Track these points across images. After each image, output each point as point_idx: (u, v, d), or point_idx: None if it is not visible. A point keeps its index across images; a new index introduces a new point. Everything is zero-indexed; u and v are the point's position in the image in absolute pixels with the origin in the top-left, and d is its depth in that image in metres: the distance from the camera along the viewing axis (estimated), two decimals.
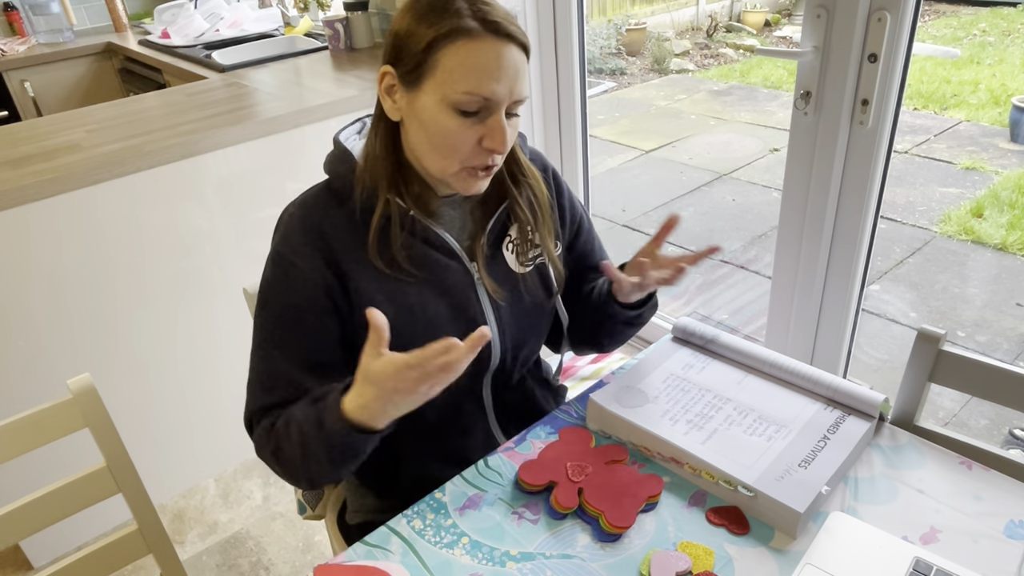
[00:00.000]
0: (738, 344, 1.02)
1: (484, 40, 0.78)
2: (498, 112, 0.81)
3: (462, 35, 0.77)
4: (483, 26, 0.77)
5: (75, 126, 1.79)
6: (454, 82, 0.78)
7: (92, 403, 0.92)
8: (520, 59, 0.81)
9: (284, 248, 0.88)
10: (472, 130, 0.81)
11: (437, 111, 0.80)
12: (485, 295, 0.94)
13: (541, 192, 0.96)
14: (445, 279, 0.91)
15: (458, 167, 0.83)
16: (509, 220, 0.96)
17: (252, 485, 1.92)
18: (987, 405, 2.19)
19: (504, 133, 0.81)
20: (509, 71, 0.79)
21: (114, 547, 0.98)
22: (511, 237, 0.96)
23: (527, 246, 0.97)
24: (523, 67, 0.81)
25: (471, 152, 0.82)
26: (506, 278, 0.95)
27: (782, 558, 0.76)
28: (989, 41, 5.80)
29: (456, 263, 0.92)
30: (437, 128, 0.81)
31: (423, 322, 0.89)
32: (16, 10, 3.03)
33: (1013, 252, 3.11)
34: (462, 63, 0.78)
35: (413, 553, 0.80)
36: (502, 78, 0.79)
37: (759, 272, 3.04)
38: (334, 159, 0.92)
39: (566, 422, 0.97)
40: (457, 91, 0.78)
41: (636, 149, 4.59)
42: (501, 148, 0.82)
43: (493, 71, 0.78)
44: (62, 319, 1.59)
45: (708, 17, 6.88)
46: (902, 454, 0.88)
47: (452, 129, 0.80)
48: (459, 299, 0.92)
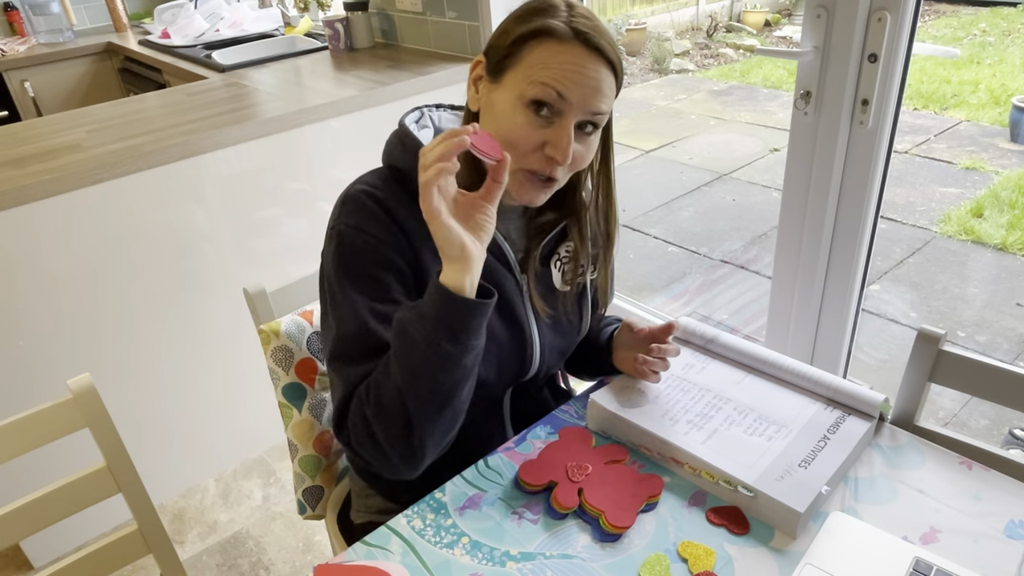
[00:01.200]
0: (738, 344, 1.02)
1: (571, 45, 0.77)
2: (567, 119, 0.79)
3: (551, 36, 0.77)
4: (574, 34, 0.77)
5: (75, 126, 1.79)
6: (532, 76, 0.78)
7: (92, 403, 0.92)
8: (605, 75, 0.79)
9: (363, 223, 0.83)
10: (538, 132, 0.79)
11: (510, 105, 0.80)
12: (531, 309, 0.94)
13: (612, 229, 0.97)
14: (500, 287, 0.90)
15: (516, 165, 0.81)
16: (560, 241, 0.96)
17: (252, 485, 1.92)
18: (987, 405, 2.19)
19: (568, 142, 0.79)
20: (589, 79, 0.78)
21: (114, 547, 0.98)
22: (560, 256, 0.96)
23: (575, 266, 0.97)
24: (607, 83, 0.79)
25: (531, 154, 0.81)
26: (550, 294, 0.96)
27: (782, 558, 0.76)
28: (989, 41, 5.80)
29: (508, 273, 0.92)
30: (506, 121, 0.80)
31: None
32: (16, 10, 3.03)
33: (1013, 252, 3.11)
34: (544, 60, 0.77)
35: (413, 553, 0.80)
36: (581, 83, 0.77)
37: (759, 272, 3.04)
38: (400, 143, 0.87)
39: (566, 422, 0.97)
40: (534, 82, 0.77)
41: (636, 149, 4.59)
42: (562, 158, 0.79)
43: (572, 73, 0.77)
44: (62, 319, 1.59)
45: (708, 17, 6.89)
46: (902, 454, 0.88)
47: (519, 124, 0.79)
48: (510, 308, 0.92)
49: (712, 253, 3.28)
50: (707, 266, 3.17)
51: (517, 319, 0.93)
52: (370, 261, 0.83)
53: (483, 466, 0.91)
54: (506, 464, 0.91)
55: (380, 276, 0.83)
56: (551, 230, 0.94)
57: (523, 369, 0.97)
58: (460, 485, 0.88)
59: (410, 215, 0.84)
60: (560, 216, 0.94)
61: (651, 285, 3.05)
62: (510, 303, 0.92)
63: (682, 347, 1.05)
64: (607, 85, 0.80)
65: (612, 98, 0.82)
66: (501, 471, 0.90)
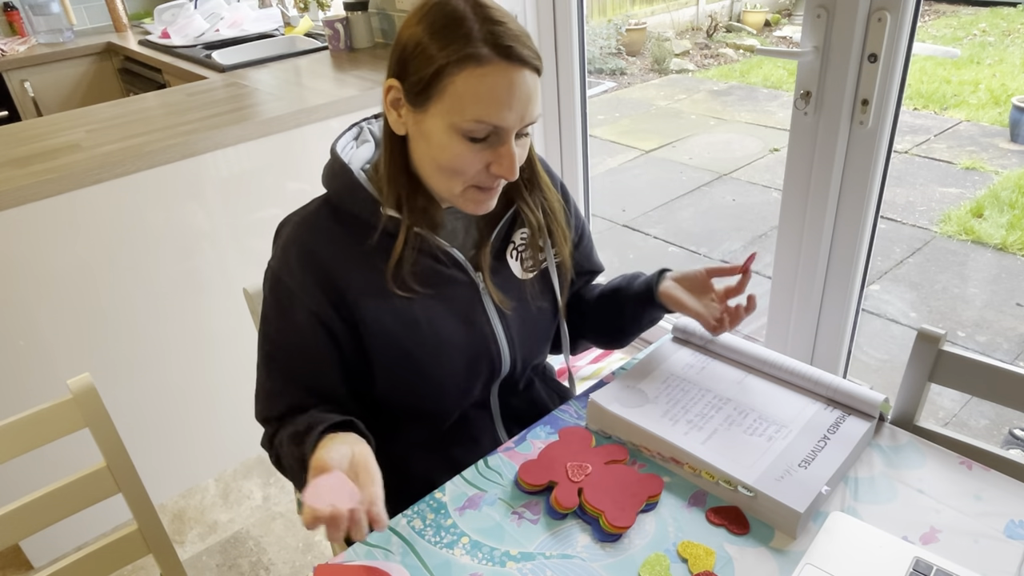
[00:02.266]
0: (738, 344, 1.02)
1: (495, 66, 0.74)
2: (508, 139, 0.78)
3: (472, 62, 0.74)
4: (495, 51, 0.74)
5: (75, 126, 1.79)
6: (463, 110, 0.75)
7: (92, 403, 0.92)
8: (533, 83, 0.78)
9: (282, 273, 0.86)
10: (480, 156, 0.79)
11: (444, 136, 0.78)
12: (491, 305, 0.93)
13: (555, 197, 0.96)
14: (451, 292, 0.90)
15: (462, 188, 0.82)
16: (513, 227, 0.95)
17: (252, 485, 1.92)
18: (987, 405, 2.19)
19: (513, 160, 0.79)
20: (521, 97, 0.76)
21: (114, 547, 0.98)
22: (515, 244, 0.95)
23: (533, 251, 0.96)
24: (535, 91, 0.78)
25: (477, 176, 0.81)
26: (511, 286, 0.95)
27: (782, 558, 0.76)
28: (989, 41, 5.80)
29: (461, 274, 0.91)
30: (443, 152, 0.79)
31: (430, 337, 0.89)
32: (16, 10, 3.03)
33: (1013, 252, 3.11)
34: (472, 91, 0.75)
35: (413, 553, 0.80)
36: (513, 105, 0.76)
37: (759, 272, 3.04)
38: (332, 173, 0.88)
39: (566, 422, 0.97)
40: (466, 119, 0.76)
41: (636, 149, 4.59)
42: (510, 175, 0.80)
43: (503, 99, 0.75)
44: (62, 319, 1.59)
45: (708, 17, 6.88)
46: (902, 454, 0.88)
47: (459, 154, 0.78)
48: (465, 311, 0.91)
49: (712, 253, 3.28)
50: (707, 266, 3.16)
51: (474, 320, 0.92)
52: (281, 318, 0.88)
53: (483, 466, 0.91)
54: (506, 464, 0.91)
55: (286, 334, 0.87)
56: (499, 219, 0.92)
57: (494, 368, 0.96)
58: (460, 485, 0.88)
59: (339, 246, 0.86)
60: (505, 201, 0.92)
61: None
62: (465, 305, 0.91)
63: (682, 347, 1.05)
64: (535, 90, 0.78)
65: (540, 97, 0.81)
66: (501, 471, 0.90)
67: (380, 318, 0.86)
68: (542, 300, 0.98)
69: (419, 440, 0.98)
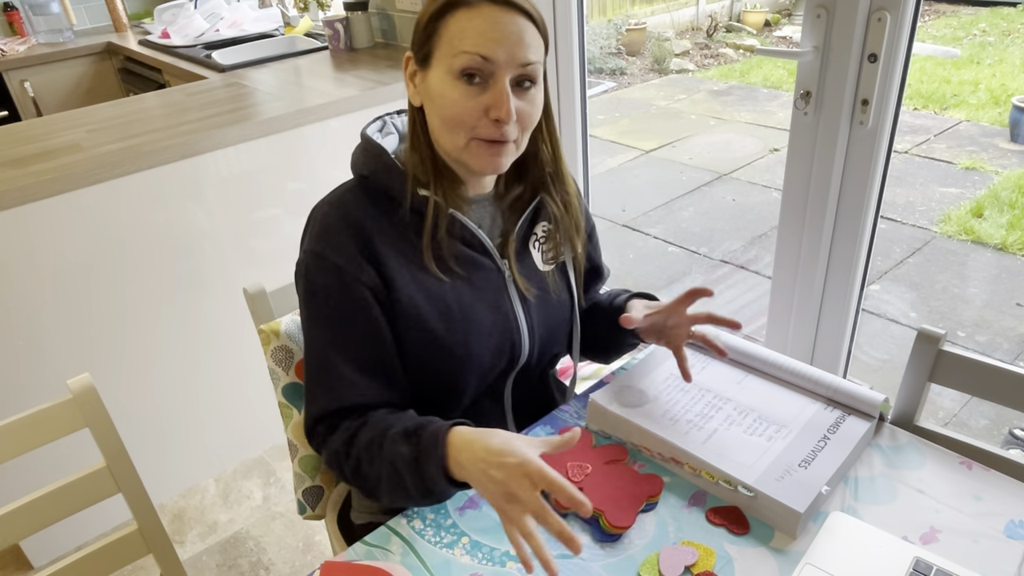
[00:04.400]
0: (738, 344, 1.01)
1: (481, 6, 0.79)
2: (500, 78, 0.80)
3: (460, 5, 0.79)
4: None
5: (75, 126, 1.79)
6: (454, 48, 0.79)
7: (92, 403, 0.92)
8: (525, 26, 0.80)
9: (326, 252, 0.84)
10: (476, 100, 0.80)
11: (444, 83, 0.81)
12: (516, 292, 0.94)
13: (575, 194, 0.97)
14: (480, 277, 0.91)
15: (466, 139, 0.83)
16: (536, 219, 0.96)
17: (252, 485, 1.92)
18: (987, 405, 2.19)
19: (506, 98, 0.80)
20: (509, 35, 0.79)
21: (114, 547, 0.98)
22: (537, 235, 0.96)
23: (552, 244, 0.97)
24: (528, 33, 0.80)
25: (478, 123, 0.81)
26: (533, 275, 0.96)
27: (782, 558, 0.76)
28: (989, 41, 5.80)
29: (489, 261, 0.92)
30: (443, 100, 0.81)
31: (460, 319, 0.89)
32: (16, 10, 3.03)
33: (1013, 252, 3.11)
34: (462, 29, 0.79)
35: (413, 553, 0.80)
36: (501, 40, 0.78)
37: (759, 272, 3.04)
38: (365, 152, 0.89)
39: (566, 422, 0.97)
40: (457, 54, 0.79)
41: (636, 149, 4.59)
42: (505, 115, 0.80)
43: (490, 33, 0.78)
44: (62, 319, 1.59)
45: (708, 17, 6.88)
46: (902, 454, 0.88)
47: (456, 99, 0.80)
48: (493, 296, 0.92)
49: (712, 253, 3.28)
50: (707, 266, 3.17)
51: (500, 305, 0.93)
52: (332, 298, 0.85)
53: None
54: None
55: (341, 313, 0.85)
56: (524, 208, 0.94)
57: (514, 355, 0.96)
58: None
59: (375, 222, 0.86)
60: (530, 190, 0.94)
61: (651, 285, 3.05)
62: (493, 291, 0.92)
63: None
64: (529, 34, 0.80)
65: (540, 48, 0.82)
66: None
67: (413, 296, 0.86)
68: (561, 292, 1.00)
69: None
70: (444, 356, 0.90)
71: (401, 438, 0.79)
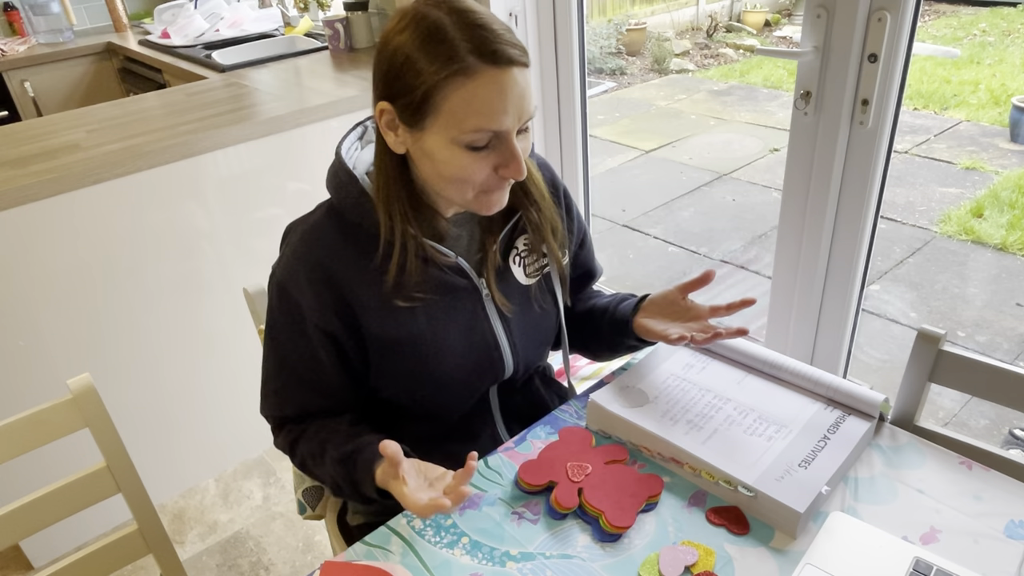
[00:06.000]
0: (738, 344, 1.01)
1: (484, 74, 0.73)
2: (510, 140, 0.78)
3: (460, 76, 0.73)
4: (481, 59, 0.73)
5: (75, 126, 1.79)
6: (460, 123, 0.75)
7: (92, 403, 0.92)
8: (523, 80, 0.77)
9: (289, 287, 0.87)
10: (485, 161, 0.79)
11: (447, 151, 0.78)
12: (494, 310, 0.94)
13: (549, 203, 0.96)
14: (453, 299, 0.90)
15: (474, 194, 0.82)
16: (515, 233, 0.95)
17: (252, 485, 1.92)
18: (987, 405, 2.19)
19: (519, 160, 0.79)
20: (514, 99, 0.76)
21: (114, 547, 0.98)
22: (518, 249, 0.96)
23: (535, 256, 0.96)
24: (527, 86, 0.78)
25: (487, 180, 0.81)
26: (514, 290, 0.96)
27: (782, 558, 0.76)
28: (989, 41, 5.80)
29: (464, 280, 0.91)
30: (449, 166, 0.79)
31: (433, 345, 0.89)
32: (16, 10, 3.03)
33: (1013, 252, 3.11)
34: (466, 104, 0.74)
35: (413, 553, 0.80)
36: (509, 108, 0.76)
37: (759, 272, 3.04)
38: (336, 178, 0.87)
39: (566, 422, 0.97)
40: (465, 131, 0.76)
41: (636, 149, 4.59)
42: (518, 175, 0.80)
43: (498, 105, 0.75)
44: (62, 319, 1.59)
45: (708, 17, 6.88)
46: (902, 454, 0.88)
47: (465, 165, 0.78)
48: (468, 318, 0.92)
49: (712, 253, 3.28)
50: (707, 266, 3.16)
51: (476, 326, 0.93)
52: (288, 329, 0.89)
53: (483, 466, 0.91)
54: (506, 464, 0.91)
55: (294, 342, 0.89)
56: (504, 224, 0.93)
57: (496, 371, 0.97)
58: None
59: (343, 262, 0.86)
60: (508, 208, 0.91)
61: (651, 285, 3.05)
62: (468, 312, 0.92)
63: (682, 347, 1.05)
64: (527, 84, 0.78)
65: (533, 90, 0.82)
66: (501, 471, 0.90)
67: (386, 330, 0.88)
68: (544, 302, 0.99)
69: (418, 435, 0.98)
70: (422, 382, 0.92)
71: (338, 463, 0.87)
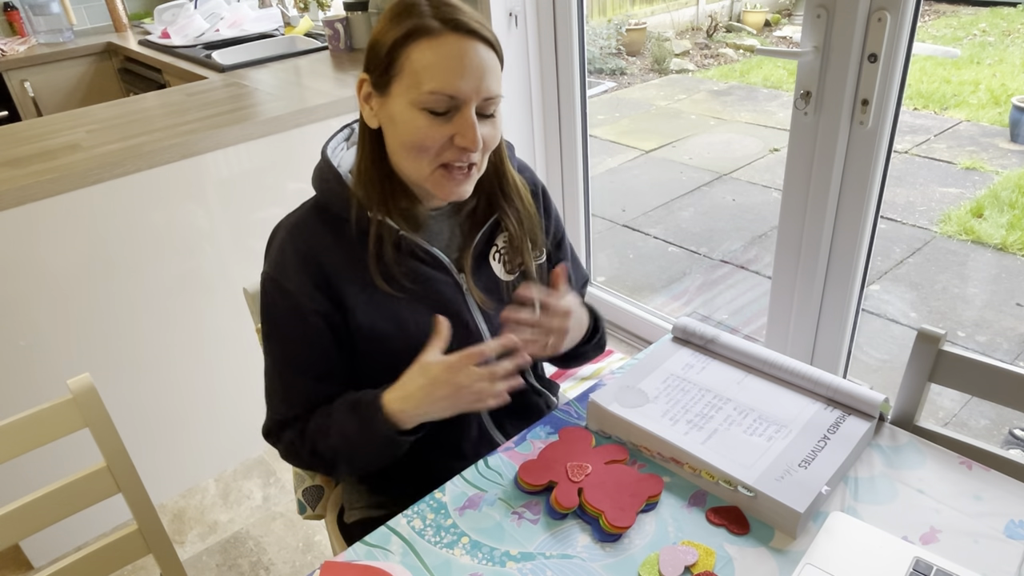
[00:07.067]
0: (738, 344, 1.01)
1: (445, 38, 0.78)
2: (467, 109, 0.80)
3: (423, 34, 0.78)
4: (444, 24, 0.78)
5: (75, 126, 1.79)
6: (419, 83, 0.79)
7: (92, 403, 0.92)
8: (487, 56, 0.80)
9: (281, 279, 0.89)
10: (442, 129, 0.81)
11: (407, 113, 0.81)
12: (476, 305, 0.95)
13: (529, 205, 0.98)
14: (436, 292, 0.92)
15: (431, 167, 0.83)
16: (495, 232, 0.97)
17: (252, 485, 1.92)
18: (987, 405, 2.19)
19: (474, 130, 0.81)
20: (475, 68, 0.79)
21: (114, 547, 0.98)
22: (498, 247, 0.97)
23: (514, 255, 0.98)
24: (491, 64, 0.81)
25: (443, 151, 0.82)
26: (493, 287, 0.97)
27: (782, 558, 0.76)
28: (989, 41, 5.80)
29: (445, 275, 0.93)
30: (407, 129, 0.81)
31: (417, 336, 0.90)
32: (16, 10, 3.03)
33: (1013, 252, 3.11)
34: (426, 63, 0.78)
35: (413, 553, 0.80)
36: (466, 75, 0.79)
37: (759, 272, 3.04)
38: (320, 174, 0.92)
39: (566, 422, 0.97)
40: (423, 91, 0.79)
41: (636, 149, 4.59)
42: (472, 146, 0.81)
43: (456, 68, 0.78)
44: (62, 319, 1.59)
45: (708, 17, 6.88)
46: (902, 454, 0.88)
47: (421, 128, 0.81)
48: (450, 310, 0.93)
49: (712, 253, 3.28)
50: (707, 266, 3.16)
51: (459, 319, 0.94)
52: (286, 321, 0.89)
53: (483, 466, 0.91)
54: (506, 464, 0.91)
55: (294, 334, 0.90)
56: (483, 223, 0.95)
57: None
58: (460, 485, 0.88)
59: (328, 250, 0.88)
60: (485, 203, 0.95)
61: (651, 285, 3.05)
62: (451, 304, 0.93)
63: (682, 347, 1.05)
64: (491, 63, 0.81)
65: (500, 76, 0.83)
66: (501, 471, 0.90)
67: (372, 319, 0.89)
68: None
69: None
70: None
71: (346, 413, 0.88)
